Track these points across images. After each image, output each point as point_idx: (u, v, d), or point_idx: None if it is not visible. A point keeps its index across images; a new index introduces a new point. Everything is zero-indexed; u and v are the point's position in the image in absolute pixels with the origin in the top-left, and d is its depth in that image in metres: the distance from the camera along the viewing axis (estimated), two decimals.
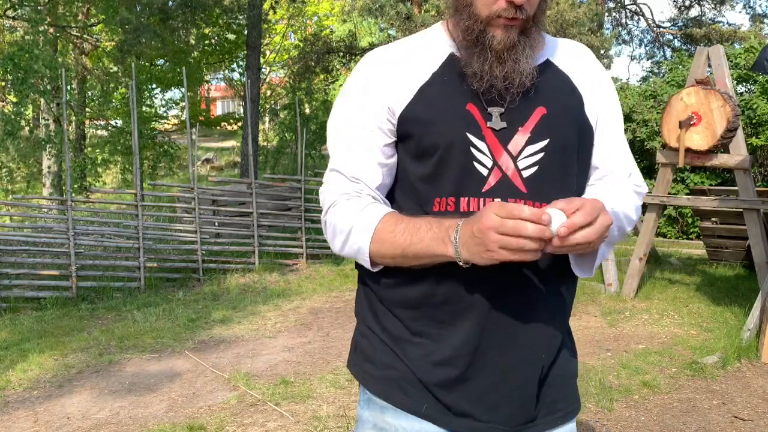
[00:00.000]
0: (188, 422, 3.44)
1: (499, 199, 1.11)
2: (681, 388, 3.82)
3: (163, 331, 5.34)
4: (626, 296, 5.96)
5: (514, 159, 1.13)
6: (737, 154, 5.52)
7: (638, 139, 11.21)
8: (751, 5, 22.09)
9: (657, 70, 21.13)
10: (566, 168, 1.17)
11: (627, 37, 23.93)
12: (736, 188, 5.91)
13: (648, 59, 24.17)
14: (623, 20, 22.99)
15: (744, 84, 11.47)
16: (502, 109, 1.14)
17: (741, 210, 5.81)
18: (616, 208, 1.17)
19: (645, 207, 6.51)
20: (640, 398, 3.66)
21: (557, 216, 0.97)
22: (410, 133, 1.15)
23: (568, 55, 1.24)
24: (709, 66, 5.83)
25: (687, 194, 9.56)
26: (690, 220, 10.61)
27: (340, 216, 1.15)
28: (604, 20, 17.78)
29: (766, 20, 21.08)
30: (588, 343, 4.72)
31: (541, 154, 1.14)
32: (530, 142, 1.14)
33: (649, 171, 11.30)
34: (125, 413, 3.65)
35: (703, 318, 5.25)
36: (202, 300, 6.60)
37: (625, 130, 11.41)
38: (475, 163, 1.12)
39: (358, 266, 1.26)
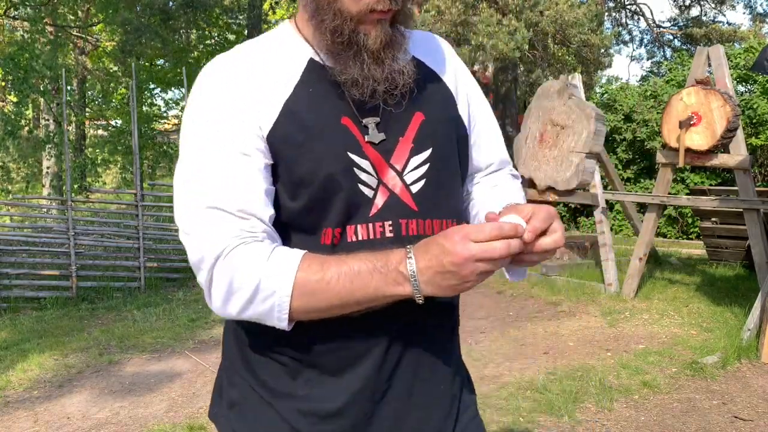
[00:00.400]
0: (188, 422, 3.44)
1: (390, 222, 0.99)
2: (681, 388, 3.82)
3: (163, 331, 5.34)
4: (626, 296, 5.96)
5: (400, 174, 1.00)
6: (737, 154, 5.52)
7: (638, 139, 11.21)
8: (751, 5, 22.12)
9: (657, 70, 21.14)
10: (452, 176, 1.07)
11: (627, 37, 23.94)
12: (736, 188, 5.91)
13: (648, 59, 24.18)
14: (623, 20, 22.98)
15: (744, 84, 11.47)
16: (378, 119, 1.00)
17: (741, 210, 5.81)
18: (521, 201, 1.11)
19: (645, 207, 6.51)
20: (640, 398, 3.66)
21: (519, 223, 0.90)
22: (281, 157, 0.96)
23: (430, 50, 1.13)
24: (709, 66, 5.83)
25: (687, 194, 9.56)
26: (690, 220, 10.61)
27: (237, 268, 0.90)
28: (604, 20, 17.79)
29: (766, 20, 21.09)
30: (588, 343, 4.72)
31: (427, 165, 1.02)
32: (414, 152, 1.02)
33: (649, 171, 11.31)
34: (125, 413, 3.65)
35: (703, 318, 5.25)
36: (202, 300, 6.58)
37: (625, 130, 11.42)
38: (361, 186, 0.97)
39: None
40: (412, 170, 1.01)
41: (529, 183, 6.83)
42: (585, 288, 6.22)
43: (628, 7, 22.51)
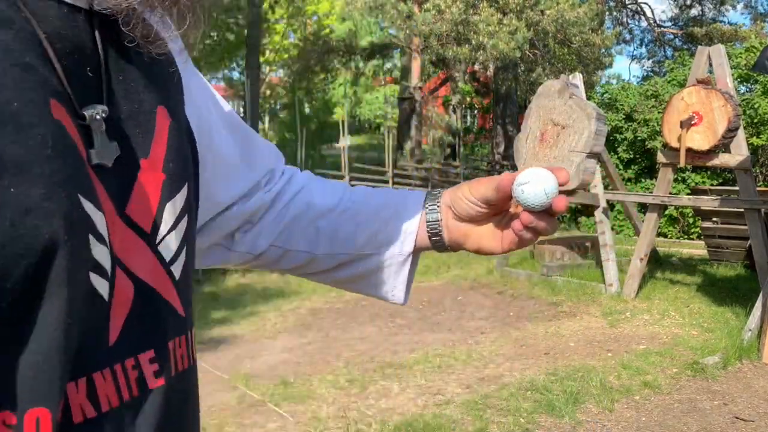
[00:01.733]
0: None
1: (151, 354, 0.48)
2: (682, 388, 3.81)
3: None
4: (627, 296, 5.95)
5: (150, 239, 0.49)
6: (738, 154, 5.51)
7: (639, 138, 11.20)
8: (752, 5, 22.11)
9: (658, 70, 21.14)
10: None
11: (628, 37, 23.93)
12: (737, 188, 5.90)
13: (649, 59, 24.18)
14: (624, 19, 22.97)
15: (745, 83, 11.47)
16: (105, 108, 0.45)
17: (742, 210, 5.80)
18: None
19: (646, 207, 6.51)
20: (641, 399, 3.65)
21: (547, 176, 0.66)
22: None
23: None
24: (710, 65, 5.82)
25: (688, 194, 9.55)
26: (691, 220, 10.60)
27: None
28: (605, 19, 17.79)
29: (766, 20, 21.09)
30: (589, 343, 4.71)
31: (185, 218, 0.53)
32: (168, 191, 0.51)
33: (650, 171, 11.30)
34: None
35: (704, 318, 5.24)
36: (202, 300, 6.60)
37: (626, 130, 11.40)
38: (93, 274, 0.42)
39: None
40: (170, 231, 0.51)
41: None
42: (586, 288, 6.21)
43: (629, 6, 22.49)
